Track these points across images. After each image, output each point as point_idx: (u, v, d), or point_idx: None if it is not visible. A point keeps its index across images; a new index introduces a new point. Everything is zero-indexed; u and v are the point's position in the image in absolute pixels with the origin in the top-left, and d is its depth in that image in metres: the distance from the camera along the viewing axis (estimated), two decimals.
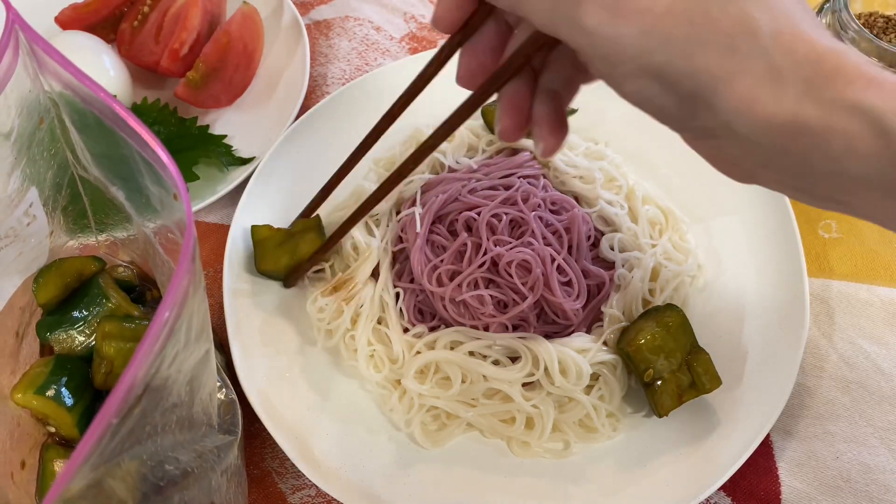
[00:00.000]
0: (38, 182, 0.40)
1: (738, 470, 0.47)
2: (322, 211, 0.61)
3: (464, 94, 0.43)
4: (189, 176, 0.65)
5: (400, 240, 0.57)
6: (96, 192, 0.44)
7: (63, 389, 0.40)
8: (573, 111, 0.63)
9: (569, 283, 0.54)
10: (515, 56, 0.35)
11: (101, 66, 0.66)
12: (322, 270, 0.58)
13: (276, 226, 0.60)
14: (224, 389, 0.47)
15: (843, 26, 0.54)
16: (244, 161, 0.65)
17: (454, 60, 0.42)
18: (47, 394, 0.40)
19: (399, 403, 0.52)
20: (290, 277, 0.56)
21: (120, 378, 0.25)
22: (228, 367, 0.52)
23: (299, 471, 0.49)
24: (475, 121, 0.63)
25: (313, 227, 0.57)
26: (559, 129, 0.37)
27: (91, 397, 0.42)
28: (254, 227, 0.57)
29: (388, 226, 0.58)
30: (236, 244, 0.57)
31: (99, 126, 0.33)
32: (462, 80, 0.39)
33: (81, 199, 0.45)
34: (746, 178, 0.33)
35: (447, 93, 0.45)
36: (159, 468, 0.33)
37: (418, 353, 0.52)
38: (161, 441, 0.32)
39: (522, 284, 0.52)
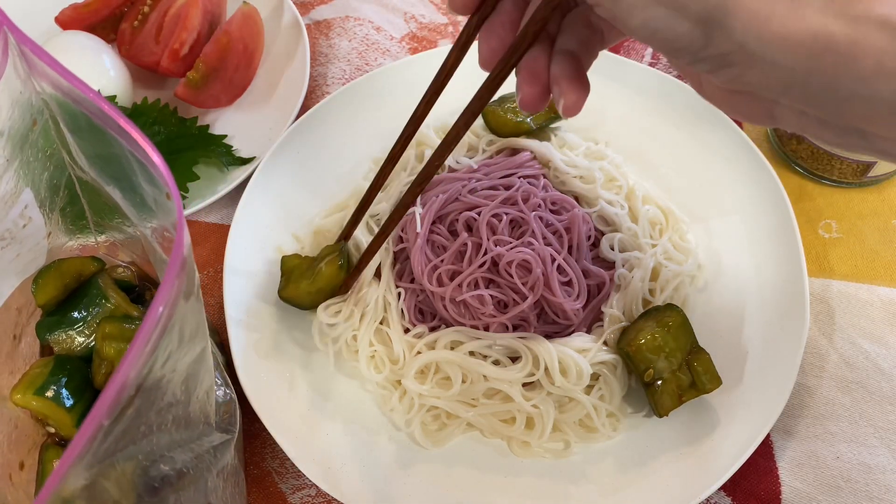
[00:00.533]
0: (33, 183, 0.40)
1: (738, 470, 0.47)
2: (320, 212, 0.61)
3: (462, 92, 0.43)
4: (189, 176, 0.65)
5: (400, 240, 0.57)
6: (94, 193, 0.44)
7: (63, 390, 0.40)
8: None
9: (569, 283, 0.54)
10: (531, 22, 0.35)
11: (101, 66, 0.66)
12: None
13: (276, 223, 0.60)
14: (223, 388, 0.47)
15: None
16: (244, 161, 0.65)
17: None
18: (47, 394, 0.40)
19: (399, 403, 0.52)
20: (342, 288, 0.55)
21: (109, 381, 0.25)
22: (229, 367, 0.52)
23: (299, 471, 0.49)
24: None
25: (335, 253, 0.55)
26: (579, 84, 0.36)
27: (91, 398, 0.41)
28: (284, 258, 0.56)
29: None
30: (236, 244, 0.57)
31: (91, 126, 0.33)
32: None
33: (79, 199, 0.45)
34: (766, 116, 0.31)
35: (448, 93, 0.45)
36: (155, 468, 0.33)
37: (419, 353, 0.53)
38: (157, 440, 0.32)
39: (522, 284, 0.52)
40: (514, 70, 0.37)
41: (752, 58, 0.28)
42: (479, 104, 0.40)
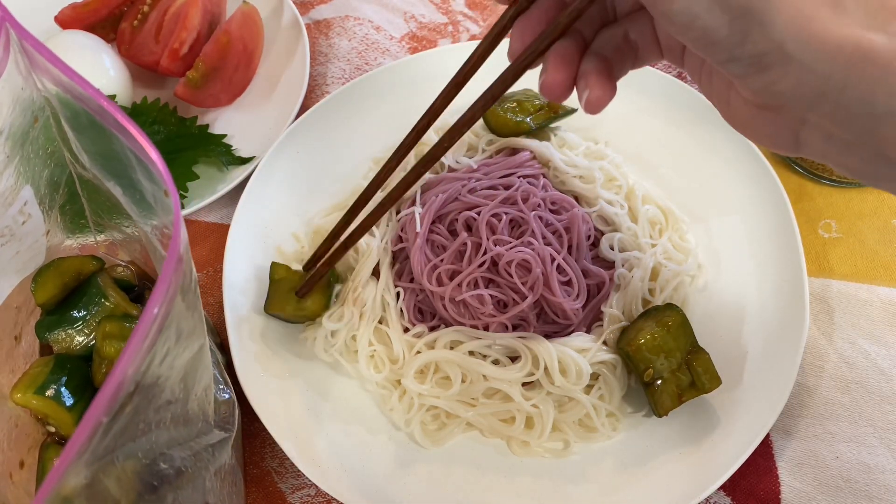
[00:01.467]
0: (33, 180, 0.40)
1: (738, 470, 0.47)
2: (319, 211, 0.61)
3: (468, 92, 0.42)
4: (189, 175, 0.65)
5: (400, 239, 0.57)
6: (94, 191, 0.44)
7: (63, 389, 0.40)
8: (573, 111, 0.63)
9: (569, 283, 0.54)
10: (565, 13, 0.34)
11: (101, 65, 0.66)
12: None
13: (276, 223, 0.60)
14: (222, 386, 0.47)
15: None
16: (244, 160, 0.65)
17: (451, 64, 0.41)
18: (47, 393, 0.40)
19: (399, 403, 0.52)
20: (302, 289, 0.54)
21: (107, 377, 0.25)
22: (229, 367, 0.52)
23: (299, 470, 0.49)
24: None
25: (324, 282, 0.54)
26: (607, 83, 0.35)
27: (91, 397, 0.41)
28: (274, 265, 0.55)
29: (387, 225, 0.58)
30: (236, 244, 0.57)
31: (92, 123, 0.33)
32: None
33: (79, 198, 0.45)
34: (791, 140, 0.31)
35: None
36: (154, 466, 0.33)
37: (418, 352, 0.53)
38: (156, 438, 0.32)
39: (522, 284, 0.52)
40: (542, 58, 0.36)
41: (788, 60, 0.27)
42: (501, 87, 0.38)
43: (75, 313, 0.43)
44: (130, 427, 0.28)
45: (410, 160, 0.61)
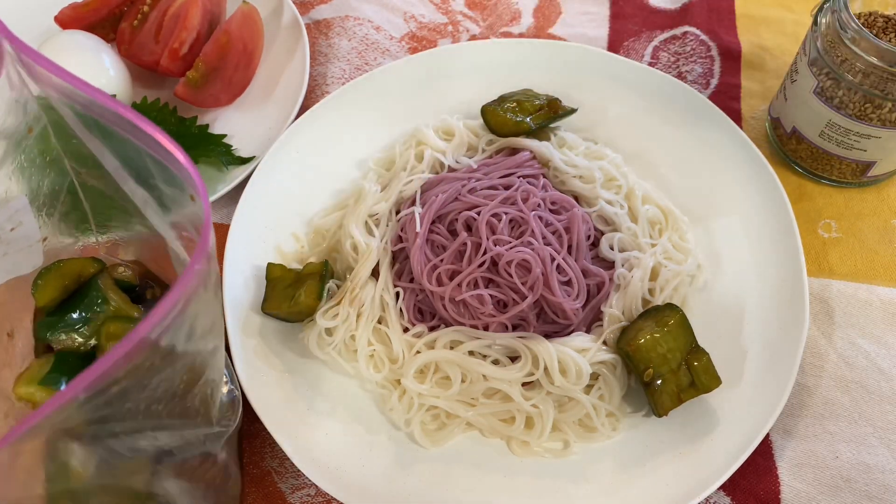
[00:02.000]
0: (30, 189, 0.40)
1: (738, 469, 0.47)
2: (319, 211, 0.61)
3: (462, 92, 0.42)
4: None
5: (400, 239, 0.57)
6: (98, 198, 0.43)
7: (64, 383, 0.40)
8: (573, 111, 0.63)
9: (568, 283, 0.54)
10: None
11: (100, 65, 0.66)
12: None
13: (276, 222, 0.60)
14: (229, 385, 0.47)
15: (843, 26, 0.54)
16: (244, 160, 0.65)
17: (451, 64, 0.40)
18: (50, 386, 0.40)
19: (399, 403, 0.52)
20: None
21: (97, 360, 0.25)
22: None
23: (299, 470, 0.49)
24: (475, 120, 0.63)
25: (317, 274, 0.54)
26: None
27: None
28: (269, 265, 0.56)
29: (387, 225, 0.58)
30: (236, 243, 0.57)
31: (99, 129, 0.33)
32: None
33: (82, 204, 0.45)
34: None
35: (448, 93, 0.45)
36: (135, 443, 0.33)
37: (418, 352, 0.53)
38: (143, 423, 0.32)
39: (522, 284, 0.52)
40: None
41: None
42: None
43: (75, 316, 0.43)
44: (114, 406, 0.28)
45: (410, 159, 0.61)
